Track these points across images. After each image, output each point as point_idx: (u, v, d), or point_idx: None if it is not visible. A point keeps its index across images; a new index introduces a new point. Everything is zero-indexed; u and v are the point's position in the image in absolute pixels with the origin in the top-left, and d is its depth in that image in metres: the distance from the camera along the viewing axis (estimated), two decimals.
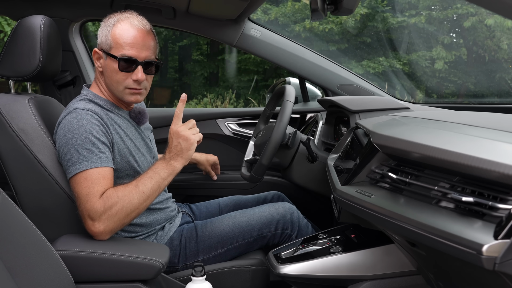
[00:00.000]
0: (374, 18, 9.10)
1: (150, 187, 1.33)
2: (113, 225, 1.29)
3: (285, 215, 1.63)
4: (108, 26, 1.42)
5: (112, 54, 1.39)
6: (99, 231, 1.27)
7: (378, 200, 1.02)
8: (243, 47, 2.17)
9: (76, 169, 1.30)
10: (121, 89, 1.43)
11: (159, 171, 1.36)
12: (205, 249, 1.55)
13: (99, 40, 1.44)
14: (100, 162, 1.31)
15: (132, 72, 1.41)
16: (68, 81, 2.08)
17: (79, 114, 1.35)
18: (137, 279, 1.27)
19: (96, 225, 1.27)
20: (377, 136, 1.13)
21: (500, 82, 8.37)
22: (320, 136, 2.03)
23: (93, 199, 1.27)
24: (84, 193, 1.28)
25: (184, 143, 1.37)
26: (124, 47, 1.39)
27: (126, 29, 1.40)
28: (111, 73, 1.41)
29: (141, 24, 1.42)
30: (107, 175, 1.32)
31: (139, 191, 1.31)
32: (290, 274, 1.37)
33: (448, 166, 0.88)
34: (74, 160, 1.31)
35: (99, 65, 1.45)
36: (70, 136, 1.32)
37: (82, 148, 1.31)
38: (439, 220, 0.84)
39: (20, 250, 1.04)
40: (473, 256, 0.74)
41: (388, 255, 1.34)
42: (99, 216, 1.26)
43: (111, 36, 1.40)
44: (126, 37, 1.39)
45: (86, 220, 1.28)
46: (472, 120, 1.16)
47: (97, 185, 1.29)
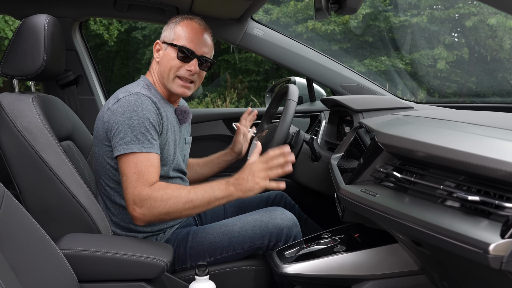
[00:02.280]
0: (377, 17, 9.09)
1: (201, 199, 1.35)
2: (150, 217, 1.34)
3: (281, 228, 1.53)
4: (173, 23, 1.55)
5: (173, 43, 1.50)
6: (137, 216, 1.33)
7: (383, 199, 1.02)
8: (246, 47, 2.17)
9: (127, 149, 1.35)
10: (172, 78, 1.52)
11: (215, 189, 1.37)
12: (193, 256, 1.53)
13: (163, 35, 1.55)
14: (150, 148, 1.37)
15: (188, 63, 1.51)
16: (71, 80, 2.08)
17: (141, 98, 1.41)
18: (141, 278, 1.27)
19: (138, 210, 1.32)
20: (382, 135, 1.13)
21: (502, 82, 8.36)
22: (323, 135, 2.03)
23: (142, 186, 1.33)
24: (134, 178, 1.34)
25: (251, 182, 1.36)
26: (185, 39, 1.51)
27: (189, 25, 1.53)
28: (168, 61, 1.51)
29: (202, 23, 1.56)
30: (155, 163, 1.38)
31: (188, 197, 1.34)
32: (293, 274, 1.37)
33: (454, 165, 0.88)
34: (127, 139, 1.36)
35: (158, 56, 1.55)
36: (128, 116, 1.38)
37: (137, 131, 1.36)
38: (445, 219, 0.84)
39: (24, 249, 1.04)
40: (479, 255, 0.74)
41: (392, 255, 1.34)
42: (142, 202, 1.32)
43: (176, 30, 1.52)
44: (188, 31, 1.52)
45: (130, 203, 1.34)
46: (476, 119, 1.16)
47: (147, 174, 1.35)
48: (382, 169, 1.12)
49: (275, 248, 1.54)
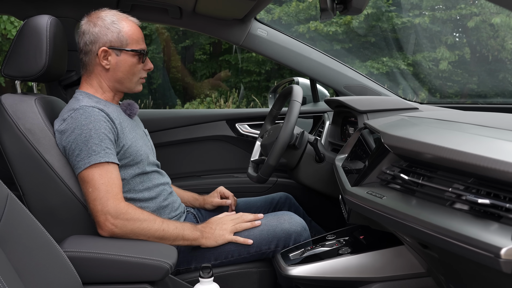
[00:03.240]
0: (379, 18, 9.08)
1: (171, 232, 1.39)
2: (121, 232, 1.33)
3: (289, 233, 1.53)
4: (113, 24, 1.48)
5: (132, 49, 1.49)
6: (109, 227, 1.32)
7: (390, 202, 1.01)
8: (249, 47, 2.16)
9: (86, 163, 1.33)
10: (136, 80, 1.54)
11: (185, 228, 1.43)
12: (198, 257, 1.52)
13: (106, 39, 1.46)
14: (108, 157, 1.35)
15: (145, 63, 1.54)
16: (74, 81, 2.07)
17: (86, 111, 1.37)
18: (145, 280, 1.27)
19: (111, 221, 1.31)
20: (388, 137, 1.12)
21: (503, 82, 8.35)
22: (327, 136, 2.02)
23: (115, 199, 1.33)
24: (103, 189, 1.32)
25: (217, 232, 1.49)
26: (139, 42, 1.51)
27: (133, 25, 1.51)
28: (129, 67, 1.50)
29: (137, 20, 1.56)
30: (118, 174, 1.38)
31: (161, 226, 1.38)
32: (298, 276, 1.36)
33: (463, 167, 0.87)
34: (83, 155, 1.33)
35: (107, 63, 1.48)
36: (79, 132, 1.35)
37: (92, 143, 1.34)
38: (454, 222, 0.83)
39: (28, 251, 1.03)
40: (490, 259, 0.73)
41: (397, 257, 1.33)
42: (118, 215, 1.32)
43: (125, 34, 1.48)
44: (137, 33, 1.51)
45: (101, 214, 1.31)
46: (483, 120, 1.15)
47: (115, 186, 1.34)
48: (388, 171, 1.11)
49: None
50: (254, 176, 1.77)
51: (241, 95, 9.85)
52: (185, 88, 10.91)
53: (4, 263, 0.92)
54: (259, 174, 1.69)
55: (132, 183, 1.47)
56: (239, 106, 9.56)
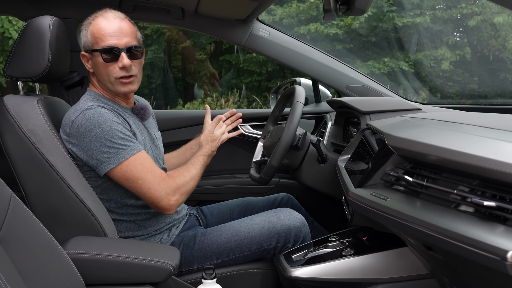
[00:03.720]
0: (380, 18, 9.07)
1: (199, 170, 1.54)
2: (182, 200, 1.46)
3: (289, 228, 1.54)
4: (86, 27, 1.47)
5: (95, 49, 1.43)
6: (174, 204, 1.43)
7: (394, 204, 1.01)
8: (251, 48, 2.15)
9: (120, 158, 1.36)
10: (113, 81, 1.46)
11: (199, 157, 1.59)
12: (200, 258, 1.52)
13: (82, 43, 1.49)
14: (138, 147, 1.40)
15: (117, 60, 1.43)
16: (76, 81, 2.07)
17: (97, 110, 1.38)
18: (148, 281, 1.26)
19: (173, 199, 1.42)
20: (393, 138, 1.12)
21: (504, 82, 8.34)
22: (329, 137, 2.02)
23: (164, 180, 1.41)
24: (151, 176, 1.39)
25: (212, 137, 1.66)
26: (103, 39, 1.43)
27: (101, 22, 1.44)
28: (100, 68, 1.45)
29: (114, 14, 1.46)
30: (150, 156, 1.45)
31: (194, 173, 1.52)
32: (301, 277, 1.36)
33: (468, 169, 0.87)
34: (113, 151, 1.36)
35: (89, 67, 1.50)
36: (98, 131, 1.35)
37: (117, 138, 1.36)
38: (460, 225, 0.83)
39: (31, 253, 1.03)
40: (497, 262, 0.73)
41: (401, 258, 1.33)
42: (175, 191, 1.43)
43: (90, 34, 1.45)
44: (103, 29, 1.43)
45: (162, 197, 1.40)
46: (488, 122, 1.15)
47: (156, 169, 1.42)
48: (392, 173, 1.11)
49: (283, 250, 1.53)
50: (256, 177, 1.76)
51: (242, 95, 9.85)
52: (185, 88, 10.90)
53: (7, 264, 0.91)
54: (261, 175, 1.69)
55: None
56: (240, 106, 9.56)
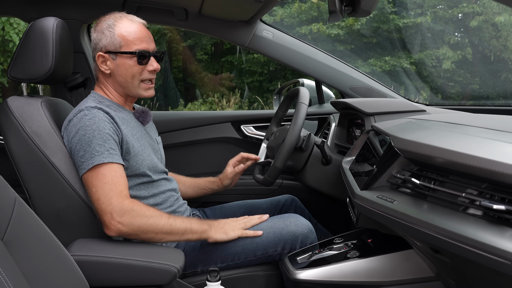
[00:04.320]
0: (381, 19, 9.07)
1: (178, 227, 1.38)
2: (128, 230, 1.31)
3: (296, 235, 1.51)
4: (108, 28, 1.46)
5: (126, 51, 1.44)
6: (115, 225, 1.30)
7: (401, 206, 1.00)
8: (255, 49, 2.15)
9: (89, 164, 1.32)
10: (137, 84, 1.48)
11: (193, 222, 1.43)
12: (204, 260, 1.51)
13: (102, 44, 1.46)
14: (111, 158, 1.34)
15: (147, 64, 1.47)
16: (79, 83, 2.07)
17: (91, 112, 1.37)
18: (153, 284, 1.26)
19: (117, 219, 1.30)
20: (399, 141, 1.11)
21: (506, 82, 8.33)
22: (333, 138, 2.01)
23: (119, 197, 1.31)
24: (107, 188, 1.31)
25: (228, 227, 1.50)
26: (135, 43, 1.45)
27: (130, 25, 1.46)
28: (127, 70, 1.46)
29: (138, 19, 1.49)
30: (122, 173, 1.36)
31: (168, 221, 1.37)
32: (306, 280, 1.36)
33: (476, 172, 0.86)
34: (87, 156, 1.33)
35: (106, 68, 1.48)
36: (82, 133, 1.34)
37: (95, 144, 1.33)
38: (468, 228, 0.82)
39: (36, 255, 1.02)
40: (506, 266, 0.72)
41: (406, 261, 1.32)
42: (123, 213, 1.30)
43: (117, 36, 1.44)
44: (134, 32, 1.45)
45: (106, 213, 1.30)
46: (494, 124, 1.14)
47: (118, 184, 1.32)
48: (399, 175, 1.10)
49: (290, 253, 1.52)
50: (260, 179, 1.76)
51: (245, 96, 9.86)
52: (186, 89, 10.91)
53: (12, 267, 0.91)
54: (265, 176, 1.68)
55: (138, 191, 1.46)
56: (242, 106, 9.56)
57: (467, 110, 1.86)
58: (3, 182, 1.00)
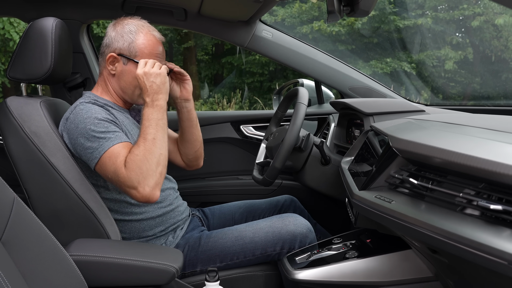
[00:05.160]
0: (382, 20, 9.07)
1: (155, 132, 1.35)
2: (154, 180, 1.30)
3: (295, 235, 1.52)
4: (129, 33, 1.48)
5: (138, 60, 1.46)
6: (147, 193, 1.29)
7: (399, 206, 1.00)
8: (254, 49, 2.15)
9: (100, 152, 1.33)
10: (138, 93, 1.50)
11: (150, 116, 1.37)
12: (204, 260, 1.52)
13: (117, 46, 1.47)
14: (119, 138, 1.35)
15: None
16: (79, 83, 2.07)
17: (86, 106, 1.39)
18: (151, 284, 1.26)
19: (141, 190, 1.29)
20: (397, 141, 1.11)
21: (506, 83, 8.32)
22: (332, 138, 2.01)
23: (121, 170, 1.30)
24: (112, 170, 1.32)
25: (157, 79, 1.40)
26: (150, 56, 1.48)
27: (151, 40, 1.49)
28: (131, 79, 1.48)
29: (160, 36, 1.53)
30: (126, 145, 1.35)
31: (150, 140, 1.33)
32: (305, 280, 1.36)
33: (474, 172, 0.86)
34: (95, 145, 1.33)
35: (113, 69, 1.49)
36: (83, 126, 1.35)
37: (98, 132, 1.34)
38: (466, 228, 0.82)
39: (34, 255, 1.03)
40: (503, 267, 0.72)
41: (405, 261, 1.32)
42: (137, 181, 1.29)
43: (136, 45, 1.47)
44: (152, 48, 1.49)
45: (129, 192, 1.31)
46: (493, 124, 1.14)
47: (119, 157, 1.32)
48: (397, 175, 1.10)
49: (289, 253, 1.52)
50: (259, 179, 1.76)
51: (245, 96, 9.86)
52: None
53: (10, 267, 0.91)
54: (264, 176, 1.68)
55: None
56: (242, 107, 9.56)
57: (467, 110, 1.86)
58: (1, 182, 1.00)
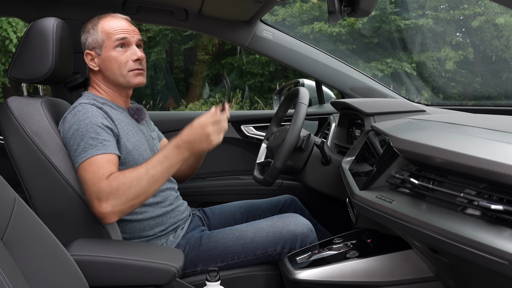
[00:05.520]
0: (383, 19, 9.06)
1: (160, 171, 1.31)
2: (121, 206, 1.27)
3: (295, 235, 1.52)
4: (92, 28, 1.51)
5: (108, 44, 1.47)
6: (106, 211, 1.26)
7: (400, 206, 1.00)
8: (255, 49, 2.15)
9: (82, 158, 1.31)
10: (125, 73, 1.49)
11: (170, 157, 1.33)
12: (204, 259, 1.52)
13: (88, 44, 1.51)
14: (105, 149, 1.33)
15: (130, 53, 1.48)
16: (80, 83, 2.07)
17: (84, 107, 1.39)
18: (152, 284, 1.26)
19: (103, 206, 1.26)
20: (398, 141, 1.11)
21: (507, 82, 8.31)
22: (332, 138, 2.01)
23: (100, 181, 1.27)
24: (90, 177, 1.29)
25: (205, 143, 1.34)
26: (115, 34, 1.48)
27: (112, 20, 1.50)
28: (112, 62, 1.48)
29: (121, 15, 1.53)
30: (112, 160, 1.33)
31: (149, 174, 1.29)
32: (305, 280, 1.36)
33: (475, 172, 0.86)
34: (80, 149, 1.32)
35: (94, 65, 1.51)
36: (76, 128, 1.35)
37: (88, 137, 1.33)
38: (466, 228, 0.82)
39: (35, 255, 1.03)
40: (504, 267, 0.72)
41: (406, 261, 1.32)
42: (106, 196, 1.26)
43: (100, 31, 1.49)
44: (115, 25, 1.49)
45: (93, 202, 1.28)
46: (493, 124, 1.14)
47: (102, 169, 1.30)
48: (398, 175, 1.10)
49: (290, 253, 1.52)
50: (260, 179, 1.76)
51: (245, 96, 9.86)
52: (188, 89, 10.91)
53: (12, 266, 0.91)
54: (265, 176, 1.68)
55: None
56: (243, 107, 9.56)
57: (468, 110, 1.86)
58: (2, 182, 1.01)
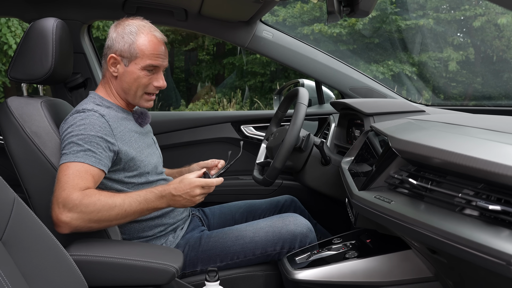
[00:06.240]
0: (383, 20, 9.06)
1: (134, 210, 1.30)
2: (80, 223, 1.24)
3: (295, 234, 1.52)
4: (129, 35, 1.45)
5: (139, 62, 1.45)
6: (63, 220, 1.22)
7: (398, 207, 1.00)
8: (255, 49, 2.15)
9: (62, 160, 1.30)
10: (140, 95, 1.49)
11: (149, 201, 1.32)
12: (204, 259, 1.52)
13: (118, 47, 1.45)
14: (86, 159, 1.30)
15: (155, 78, 1.48)
16: (79, 83, 2.08)
17: (86, 114, 1.38)
18: (151, 284, 1.26)
19: (64, 214, 1.22)
20: (396, 141, 1.11)
21: (508, 83, 8.30)
22: (332, 138, 2.01)
23: (72, 189, 1.24)
24: (64, 180, 1.26)
25: (189, 201, 1.33)
26: (150, 58, 1.45)
27: (152, 41, 1.46)
28: (134, 79, 1.46)
29: (161, 36, 1.50)
30: (92, 172, 1.30)
31: (122, 208, 1.28)
32: (305, 280, 1.36)
33: (473, 173, 0.86)
34: (66, 151, 1.31)
35: (115, 71, 1.47)
36: (70, 130, 1.34)
37: (74, 143, 1.31)
38: (464, 229, 0.82)
39: (35, 255, 1.03)
40: (502, 267, 0.72)
41: (405, 261, 1.32)
42: (71, 207, 1.22)
43: (136, 47, 1.44)
44: (153, 49, 1.46)
45: (56, 205, 1.24)
46: (492, 124, 1.14)
47: (79, 178, 1.26)
48: (396, 175, 1.10)
49: (289, 253, 1.52)
50: (259, 179, 1.76)
51: (245, 96, 9.86)
52: (188, 89, 10.92)
53: (11, 267, 0.92)
54: (264, 176, 1.69)
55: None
56: (243, 107, 9.56)
57: (469, 110, 1.86)
58: (2, 182, 1.01)
